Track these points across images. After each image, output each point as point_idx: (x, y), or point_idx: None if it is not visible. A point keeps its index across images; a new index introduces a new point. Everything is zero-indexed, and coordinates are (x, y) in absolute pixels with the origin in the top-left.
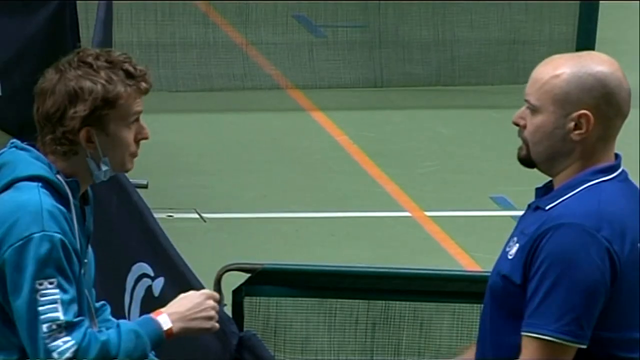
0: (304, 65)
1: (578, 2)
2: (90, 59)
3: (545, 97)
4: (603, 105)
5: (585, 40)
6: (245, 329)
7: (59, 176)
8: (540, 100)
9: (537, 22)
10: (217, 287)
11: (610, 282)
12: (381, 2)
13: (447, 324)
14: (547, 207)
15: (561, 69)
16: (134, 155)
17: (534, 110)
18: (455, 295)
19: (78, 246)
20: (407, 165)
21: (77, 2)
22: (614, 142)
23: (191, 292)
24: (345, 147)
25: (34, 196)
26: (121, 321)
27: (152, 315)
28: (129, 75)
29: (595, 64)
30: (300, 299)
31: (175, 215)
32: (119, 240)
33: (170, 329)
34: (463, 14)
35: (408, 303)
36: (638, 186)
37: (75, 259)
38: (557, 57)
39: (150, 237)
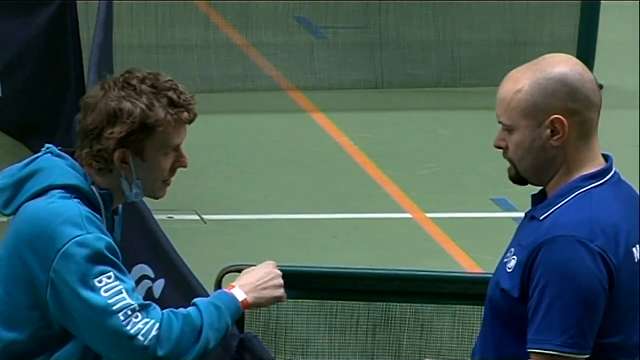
0: (305, 67)
1: (579, 2)
2: (135, 82)
3: (515, 114)
4: (571, 103)
5: (586, 41)
6: (245, 331)
7: (93, 187)
8: (511, 119)
9: (539, 23)
10: (218, 289)
11: (609, 289)
12: (382, 3)
13: (448, 326)
14: (542, 217)
15: (521, 82)
16: (167, 183)
17: (509, 129)
18: (456, 297)
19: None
20: (408, 166)
21: (78, 3)
22: (595, 137)
23: (258, 266)
24: (346, 149)
25: (70, 203)
26: (197, 299)
27: (226, 289)
28: (172, 103)
29: (552, 67)
30: (300, 300)
31: (176, 217)
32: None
33: (245, 300)
34: (464, 15)
35: (409, 305)
36: (633, 187)
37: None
38: (515, 72)
39: (151, 239)
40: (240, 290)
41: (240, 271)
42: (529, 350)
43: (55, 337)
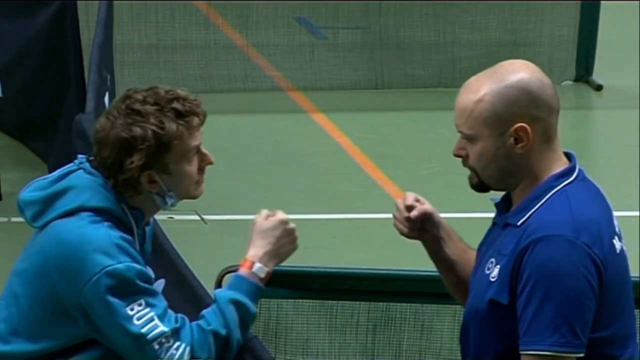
0: (305, 67)
1: (579, 2)
2: (138, 106)
3: (476, 123)
4: (534, 110)
5: (586, 41)
6: None
7: (124, 207)
8: (473, 129)
9: (539, 24)
10: (218, 289)
11: (598, 285)
12: (382, 3)
13: (448, 326)
14: (519, 223)
15: (482, 91)
16: (199, 182)
17: (470, 139)
18: None
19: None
20: (408, 167)
21: (78, 3)
22: (556, 139)
23: (263, 224)
24: (346, 149)
25: (102, 230)
26: (216, 292)
27: (243, 268)
28: (178, 114)
29: (512, 73)
30: (301, 300)
31: (176, 217)
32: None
33: (268, 273)
34: (464, 16)
35: (409, 305)
36: (595, 183)
37: (150, 278)
38: (473, 81)
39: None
40: (260, 265)
41: None
42: (522, 352)
43: (72, 347)
